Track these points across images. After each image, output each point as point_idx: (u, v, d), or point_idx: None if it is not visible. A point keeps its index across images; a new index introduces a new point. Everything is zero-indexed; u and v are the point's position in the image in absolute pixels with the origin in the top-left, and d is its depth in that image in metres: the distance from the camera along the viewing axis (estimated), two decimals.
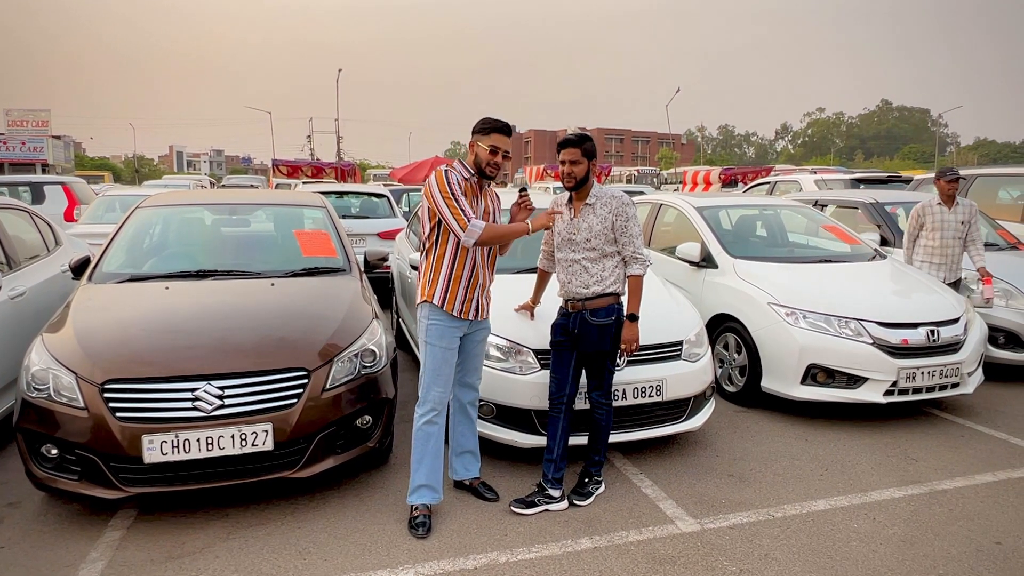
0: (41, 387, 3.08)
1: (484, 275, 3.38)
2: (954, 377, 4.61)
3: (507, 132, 3.26)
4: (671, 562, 2.97)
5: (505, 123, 3.25)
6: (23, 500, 3.45)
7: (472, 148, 3.28)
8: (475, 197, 3.29)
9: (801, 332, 4.59)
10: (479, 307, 3.36)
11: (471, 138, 3.29)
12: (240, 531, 3.17)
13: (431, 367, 3.29)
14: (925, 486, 3.75)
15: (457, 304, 3.27)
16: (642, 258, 3.41)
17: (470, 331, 3.41)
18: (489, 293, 3.47)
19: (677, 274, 5.69)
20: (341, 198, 10.55)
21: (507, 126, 3.27)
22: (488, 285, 3.43)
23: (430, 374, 3.29)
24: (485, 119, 3.28)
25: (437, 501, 3.33)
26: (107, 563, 2.90)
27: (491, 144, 3.21)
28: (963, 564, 2.99)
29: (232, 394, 3.10)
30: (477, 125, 3.28)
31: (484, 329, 3.51)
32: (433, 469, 3.30)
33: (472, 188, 3.27)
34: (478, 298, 3.35)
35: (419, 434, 3.31)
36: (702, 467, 3.96)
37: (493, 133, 3.23)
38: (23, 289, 4.50)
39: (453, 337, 3.30)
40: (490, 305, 3.49)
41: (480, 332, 3.48)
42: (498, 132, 3.23)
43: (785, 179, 12.02)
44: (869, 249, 5.81)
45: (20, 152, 40.63)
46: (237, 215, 5.15)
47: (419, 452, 3.29)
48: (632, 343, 3.39)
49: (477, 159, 3.25)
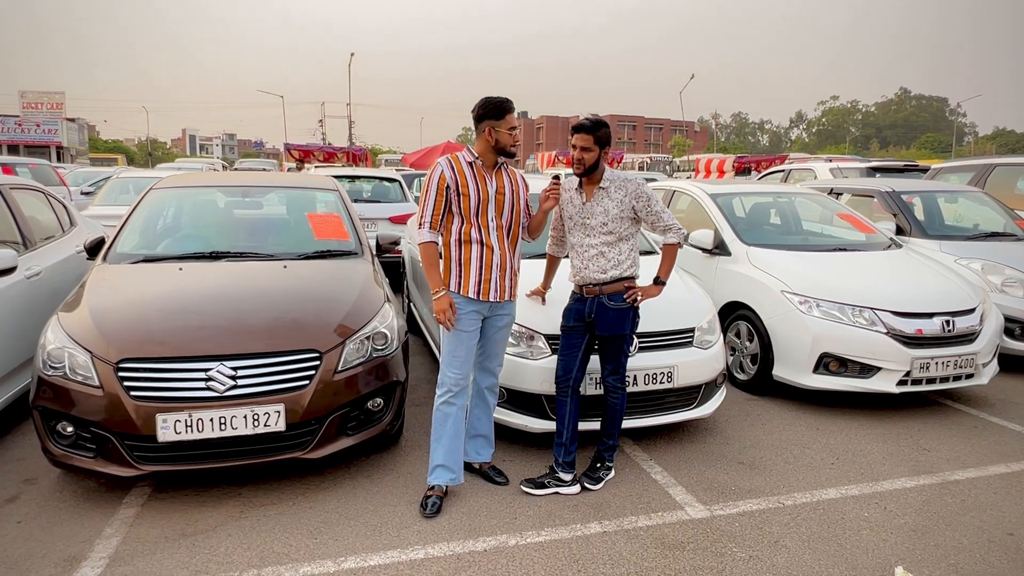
0: (57, 365, 3.11)
1: (503, 255, 3.32)
2: (969, 368, 4.57)
3: (514, 108, 3.33)
4: (680, 548, 2.98)
5: (509, 100, 3.31)
6: (40, 477, 3.50)
7: (488, 134, 3.26)
8: (484, 179, 3.29)
9: (814, 320, 4.56)
10: (499, 288, 3.32)
11: (481, 124, 3.27)
12: (252, 510, 3.20)
13: (446, 349, 3.32)
14: (937, 476, 3.73)
15: (472, 286, 3.26)
16: (676, 227, 3.41)
17: (491, 314, 3.38)
18: (515, 275, 3.41)
19: (689, 261, 5.66)
20: (353, 182, 10.53)
21: (511, 102, 3.32)
22: (509, 266, 3.36)
23: (446, 356, 3.32)
24: (490, 103, 3.27)
25: (456, 482, 3.36)
26: (122, 539, 2.94)
27: (510, 126, 3.27)
28: (975, 554, 2.97)
29: (245, 375, 3.12)
30: (486, 111, 3.26)
31: (507, 315, 3.46)
32: (451, 450, 3.33)
33: (479, 171, 3.29)
34: (496, 279, 3.31)
35: (437, 415, 3.35)
36: (712, 454, 3.95)
37: (507, 115, 3.27)
38: (39, 269, 4.53)
39: (470, 320, 3.30)
40: (516, 287, 3.43)
41: (503, 317, 3.43)
42: (510, 112, 3.29)
43: (800, 167, 11.91)
44: (885, 238, 5.76)
45: (35, 134, 40.95)
46: (250, 197, 5.16)
47: (437, 432, 3.34)
48: (647, 297, 3.43)
49: (500, 143, 3.27)
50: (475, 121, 3.30)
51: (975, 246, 6.18)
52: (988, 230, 6.67)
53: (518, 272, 3.44)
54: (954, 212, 7.43)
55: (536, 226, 3.49)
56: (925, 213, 6.94)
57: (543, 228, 3.54)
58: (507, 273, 3.35)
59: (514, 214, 3.37)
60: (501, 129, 3.25)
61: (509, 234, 3.37)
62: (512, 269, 3.38)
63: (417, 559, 2.85)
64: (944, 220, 7.09)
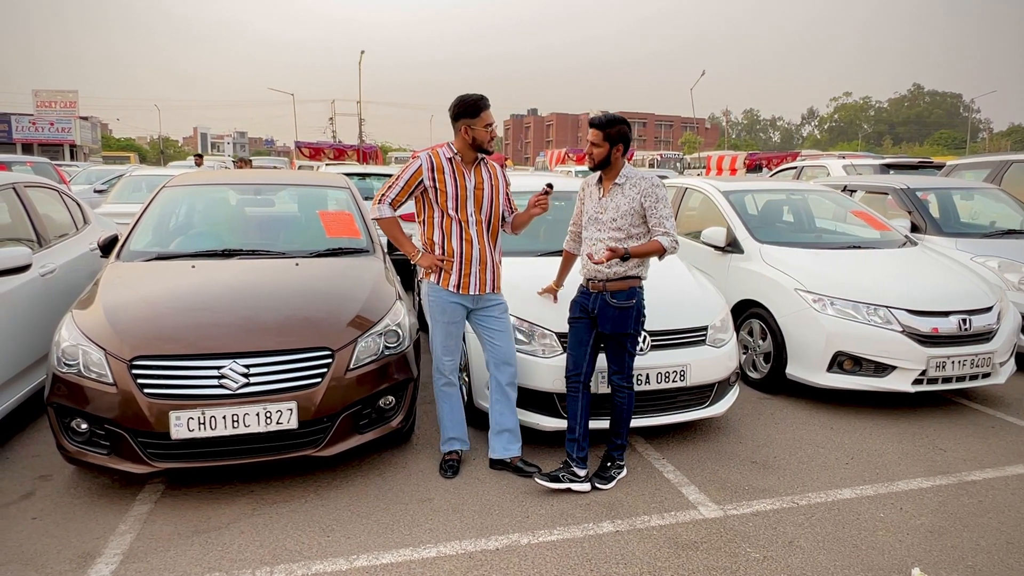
0: (71, 362, 3.13)
1: (483, 249, 3.45)
2: (985, 367, 4.51)
3: (489, 105, 3.38)
4: (693, 547, 2.96)
5: (484, 97, 3.37)
6: (54, 473, 3.52)
7: (465, 132, 3.36)
8: (463, 175, 3.41)
9: (828, 319, 4.52)
10: (479, 282, 3.46)
11: (458, 123, 3.37)
12: (265, 507, 3.21)
13: (439, 341, 3.56)
14: (954, 477, 3.68)
15: (452, 280, 3.43)
16: (672, 236, 3.36)
17: (478, 307, 3.51)
18: (496, 267, 3.54)
19: (702, 259, 5.62)
20: (364, 180, 10.55)
21: (486, 99, 3.38)
22: (490, 260, 3.49)
23: (440, 347, 3.56)
24: (465, 102, 3.36)
25: (466, 448, 3.70)
26: (135, 536, 2.96)
27: (485, 123, 3.36)
28: (993, 556, 2.94)
29: (257, 372, 3.12)
30: (461, 109, 3.35)
31: (498, 304, 3.56)
32: (457, 422, 3.65)
33: (458, 166, 3.41)
34: (477, 272, 3.45)
35: (440, 394, 3.65)
36: (725, 453, 3.92)
37: (482, 112, 3.35)
38: (53, 267, 4.56)
39: (456, 312, 3.50)
40: (498, 279, 3.55)
41: (494, 308, 3.54)
42: (485, 110, 3.36)
43: (812, 164, 11.80)
44: (899, 236, 5.70)
45: (49, 132, 41.34)
46: (262, 195, 5.17)
47: (444, 409, 3.65)
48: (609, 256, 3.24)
49: (477, 140, 3.37)
50: (452, 120, 3.41)
51: (992, 244, 6.10)
52: (1005, 227, 6.58)
53: (499, 265, 3.58)
54: (970, 209, 7.34)
55: (519, 225, 3.63)
56: (940, 210, 6.86)
57: (526, 227, 3.66)
58: (488, 267, 3.48)
59: (493, 208, 3.50)
60: (477, 127, 3.35)
61: (489, 228, 3.49)
62: (493, 262, 3.52)
63: (429, 557, 2.84)
64: (960, 217, 7.01)
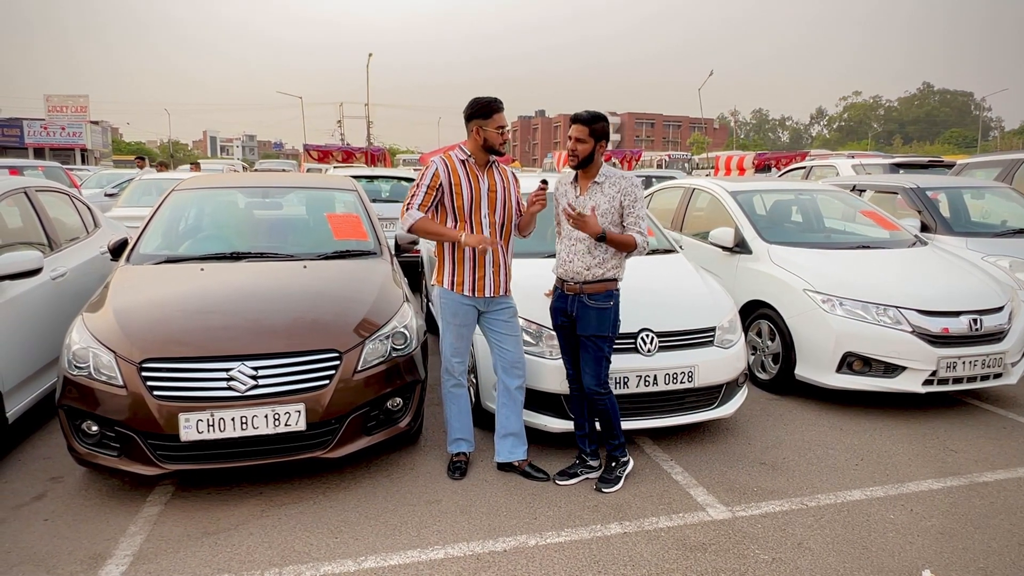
0: (82, 365, 3.15)
1: (496, 252, 3.46)
2: (997, 367, 4.48)
3: (502, 107, 3.40)
4: (702, 549, 2.95)
5: (498, 99, 3.39)
6: (65, 475, 3.55)
7: (477, 133, 3.38)
8: (476, 177, 3.42)
9: (837, 319, 4.50)
10: (494, 284, 3.47)
11: (471, 124, 3.40)
12: (273, 509, 3.22)
13: (449, 342, 3.54)
14: (965, 478, 3.66)
15: (467, 285, 3.44)
16: (644, 236, 3.37)
17: (489, 309, 3.52)
18: (508, 269, 3.55)
19: (710, 260, 5.61)
20: (371, 182, 10.58)
21: (500, 101, 3.39)
22: (503, 262, 3.51)
23: (449, 349, 3.55)
24: (479, 103, 3.38)
25: (472, 449, 3.70)
26: (145, 537, 2.97)
27: (498, 125, 3.37)
28: (1005, 558, 2.91)
29: (266, 375, 3.13)
30: (474, 110, 3.38)
31: (507, 308, 3.55)
32: (465, 424, 3.65)
33: (471, 168, 3.42)
34: (491, 275, 3.46)
35: (448, 396, 3.63)
36: (734, 455, 3.91)
37: (495, 114, 3.37)
38: (64, 270, 4.60)
39: (468, 314, 3.50)
40: (510, 281, 3.56)
41: (503, 311, 3.54)
42: (498, 112, 3.38)
43: (821, 163, 11.74)
44: (909, 235, 5.66)
45: (60, 137, 41.66)
46: (270, 198, 5.20)
47: (452, 411, 3.64)
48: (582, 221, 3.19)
49: (488, 142, 3.39)
50: (465, 121, 3.44)
51: (1003, 243, 6.05)
52: (1016, 227, 6.52)
53: (511, 267, 3.58)
54: (981, 208, 7.27)
55: (524, 226, 3.61)
56: (951, 209, 6.81)
57: (532, 227, 3.64)
58: (500, 269, 3.50)
59: (506, 211, 3.51)
60: (489, 128, 3.37)
61: (502, 231, 3.50)
62: (506, 265, 3.54)
63: (437, 559, 2.84)
64: (970, 217, 6.95)
